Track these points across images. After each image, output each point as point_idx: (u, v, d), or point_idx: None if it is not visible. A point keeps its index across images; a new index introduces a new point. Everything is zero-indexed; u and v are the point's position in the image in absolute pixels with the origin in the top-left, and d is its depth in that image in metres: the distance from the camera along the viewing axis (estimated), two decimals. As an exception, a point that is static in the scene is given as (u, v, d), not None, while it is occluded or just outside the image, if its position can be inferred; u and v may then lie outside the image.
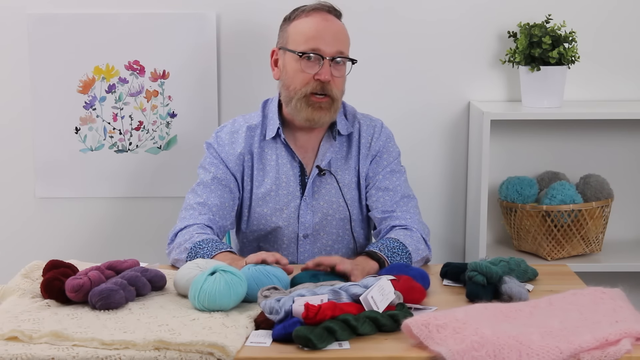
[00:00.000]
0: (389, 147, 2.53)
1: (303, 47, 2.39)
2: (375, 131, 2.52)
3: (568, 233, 2.89)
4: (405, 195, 2.48)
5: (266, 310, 1.85)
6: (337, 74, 2.41)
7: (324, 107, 2.40)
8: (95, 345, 1.72)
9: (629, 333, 1.74)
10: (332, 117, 2.44)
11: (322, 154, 2.49)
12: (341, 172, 2.49)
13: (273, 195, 2.47)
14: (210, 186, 2.46)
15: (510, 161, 3.10)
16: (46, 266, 2.07)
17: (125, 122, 3.06)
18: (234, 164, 2.48)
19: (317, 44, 2.39)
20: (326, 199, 2.48)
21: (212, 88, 3.04)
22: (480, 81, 3.06)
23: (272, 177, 2.48)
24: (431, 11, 3.03)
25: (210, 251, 2.26)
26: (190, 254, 2.27)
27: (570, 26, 2.97)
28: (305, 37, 2.40)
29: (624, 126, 3.09)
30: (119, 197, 3.10)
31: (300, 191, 2.48)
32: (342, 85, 2.45)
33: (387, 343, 1.78)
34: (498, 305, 1.87)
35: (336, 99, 2.42)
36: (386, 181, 2.49)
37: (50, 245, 3.10)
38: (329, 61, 2.39)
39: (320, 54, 2.39)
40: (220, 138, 2.51)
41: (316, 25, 2.41)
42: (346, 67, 2.45)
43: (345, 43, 2.45)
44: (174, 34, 3.01)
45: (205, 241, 2.29)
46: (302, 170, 2.49)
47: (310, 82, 2.39)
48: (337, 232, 2.51)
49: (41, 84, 3.03)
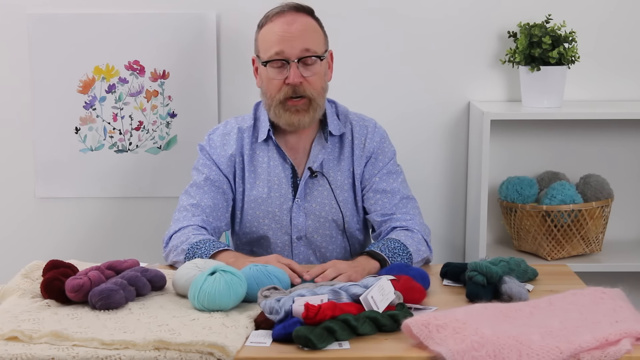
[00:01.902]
0: (383, 148, 2.51)
1: (269, 55, 2.39)
2: (369, 131, 2.51)
3: (568, 233, 2.89)
4: (405, 197, 2.48)
5: (266, 310, 1.85)
6: (308, 73, 2.39)
7: (301, 109, 2.39)
8: (95, 345, 1.72)
9: (629, 333, 1.74)
10: (313, 117, 2.42)
11: (313, 155, 2.47)
12: (333, 174, 2.48)
13: (265, 198, 2.47)
14: (204, 187, 2.46)
15: (510, 161, 3.10)
16: (46, 266, 2.07)
17: (125, 122, 3.06)
18: (226, 166, 2.48)
19: (280, 48, 2.37)
20: (318, 200, 2.47)
21: (212, 88, 3.04)
22: (480, 81, 3.06)
23: (263, 180, 2.47)
24: (431, 11, 3.03)
25: (208, 251, 2.25)
26: (188, 254, 2.27)
27: (570, 26, 2.97)
28: (269, 44, 2.40)
29: (624, 126, 3.09)
30: (119, 197, 3.10)
31: (292, 193, 2.47)
32: (319, 82, 2.41)
33: (387, 343, 1.78)
34: (498, 305, 1.87)
35: (313, 98, 2.39)
36: (383, 183, 2.47)
37: (50, 245, 3.10)
38: (295, 63, 2.37)
39: (285, 58, 2.37)
40: (212, 140, 2.51)
41: (277, 30, 2.39)
42: (319, 63, 2.41)
43: (311, 39, 2.40)
44: (174, 34, 3.01)
45: (202, 241, 2.29)
46: (293, 172, 2.48)
47: (283, 88, 2.39)
48: (331, 233, 2.50)
49: (41, 84, 3.03)
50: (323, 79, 2.43)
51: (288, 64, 2.37)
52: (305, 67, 2.39)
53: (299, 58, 2.37)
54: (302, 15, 2.43)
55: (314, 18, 2.45)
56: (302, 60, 2.38)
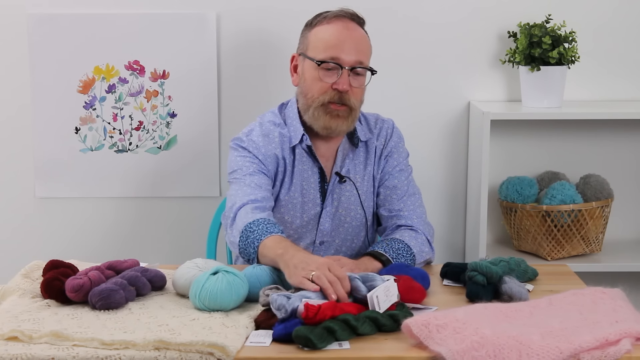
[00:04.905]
0: (399, 148, 2.53)
1: (322, 56, 2.35)
2: (388, 133, 2.52)
3: (568, 233, 2.89)
4: (412, 194, 2.48)
5: (274, 305, 1.85)
6: (356, 84, 2.37)
7: (342, 116, 2.36)
8: (95, 345, 1.72)
9: (629, 333, 1.74)
10: (349, 126, 2.40)
11: (340, 160, 2.46)
12: (360, 179, 2.47)
13: (296, 203, 2.44)
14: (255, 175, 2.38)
15: (510, 161, 3.10)
16: (46, 266, 2.08)
17: (125, 122, 3.06)
18: (271, 165, 2.42)
19: (336, 53, 2.34)
20: (344, 206, 2.46)
21: (212, 88, 3.04)
22: (480, 81, 3.06)
23: (295, 184, 2.44)
24: (431, 11, 3.03)
25: (260, 234, 2.18)
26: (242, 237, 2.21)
27: (570, 26, 2.97)
28: (325, 45, 2.36)
29: (624, 126, 3.09)
30: (119, 197, 3.10)
31: (321, 198, 2.45)
32: (361, 95, 2.41)
33: (387, 343, 1.78)
34: (498, 305, 1.87)
35: (354, 108, 2.38)
36: (395, 180, 2.48)
37: (50, 245, 3.10)
38: (347, 71, 2.34)
39: (339, 64, 2.34)
40: (253, 141, 2.44)
41: (337, 34, 2.36)
42: (366, 77, 2.41)
43: (366, 53, 2.41)
44: (174, 34, 3.01)
45: (256, 222, 2.22)
46: (322, 177, 2.46)
47: (328, 91, 2.36)
48: (352, 238, 2.49)
49: (41, 84, 3.03)
50: (364, 92, 2.43)
51: (341, 69, 2.35)
52: (355, 77, 2.37)
53: (351, 67, 2.35)
54: (358, 25, 2.42)
55: (365, 31, 2.45)
56: (354, 70, 2.36)
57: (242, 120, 2.91)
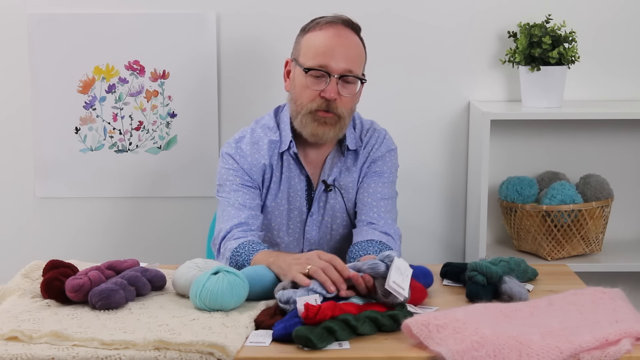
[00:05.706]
0: (385, 157, 2.46)
1: (311, 63, 2.32)
2: (377, 142, 2.46)
3: (568, 233, 2.89)
4: (385, 198, 2.43)
5: (282, 300, 1.88)
6: (345, 92, 2.33)
7: (329, 123, 2.33)
8: (95, 345, 1.72)
9: (629, 333, 1.74)
10: (337, 134, 2.37)
11: (328, 168, 2.44)
12: (345, 186, 2.44)
13: (282, 210, 2.43)
14: (240, 190, 2.39)
15: (510, 161, 3.10)
16: (46, 266, 2.07)
17: (125, 122, 3.06)
18: (257, 175, 2.41)
19: (325, 61, 2.31)
20: (331, 214, 2.44)
21: (212, 88, 3.04)
22: (480, 81, 3.06)
23: (282, 191, 2.43)
24: (431, 11, 3.03)
25: (247, 255, 2.21)
26: (231, 262, 2.24)
27: (570, 26, 2.97)
28: (314, 52, 2.33)
29: (624, 126, 3.09)
30: (119, 197, 3.10)
31: (307, 206, 2.44)
32: (351, 103, 2.37)
33: (387, 343, 1.78)
34: (498, 305, 1.87)
35: (342, 116, 2.34)
36: (372, 184, 2.43)
37: (50, 245, 3.10)
38: (336, 79, 2.31)
39: (328, 72, 2.31)
40: (241, 149, 2.43)
41: (327, 41, 2.33)
42: (357, 85, 2.37)
43: (357, 61, 2.36)
44: (174, 34, 3.01)
45: (241, 246, 2.24)
46: (309, 184, 2.44)
47: (316, 99, 2.32)
48: (340, 247, 2.47)
49: (41, 84, 3.03)
50: (354, 101, 2.39)
51: (329, 77, 2.32)
52: (344, 85, 2.33)
53: (340, 75, 2.32)
54: (352, 32, 2.38)
55: (360, 38, 2.41)
56: (343, 78, 2.33)
57: (242, 120, 2.92)
